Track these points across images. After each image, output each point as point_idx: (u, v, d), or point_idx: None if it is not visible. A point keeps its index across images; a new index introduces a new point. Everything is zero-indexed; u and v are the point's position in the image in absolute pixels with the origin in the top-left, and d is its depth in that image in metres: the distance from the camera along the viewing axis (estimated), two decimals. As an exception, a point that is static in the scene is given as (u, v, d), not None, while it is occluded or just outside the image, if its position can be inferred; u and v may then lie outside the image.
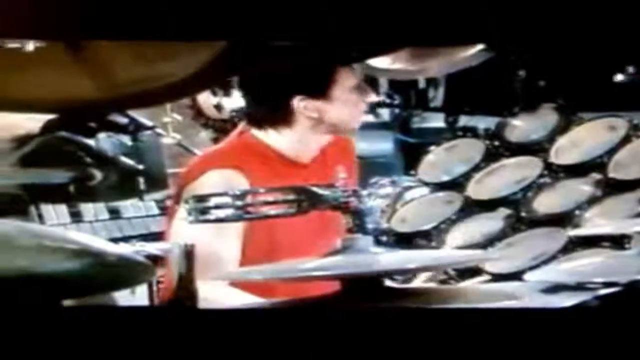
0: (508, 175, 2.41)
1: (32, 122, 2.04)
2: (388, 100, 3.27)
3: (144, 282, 1.17)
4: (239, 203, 1.49)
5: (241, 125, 2.21)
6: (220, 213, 1.49)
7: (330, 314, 1.22)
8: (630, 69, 2.59)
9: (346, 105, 2.10)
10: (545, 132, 2.45)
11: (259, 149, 2.09)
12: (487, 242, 2.23)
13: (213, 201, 1.50)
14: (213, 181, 2.00)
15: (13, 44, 1.37)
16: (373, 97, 2.22)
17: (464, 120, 3.04)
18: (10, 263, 1.05)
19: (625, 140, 2.31)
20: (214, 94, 3.08)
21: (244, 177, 2.01)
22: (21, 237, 1.07)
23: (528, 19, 1.18)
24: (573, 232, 2.10)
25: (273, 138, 2.09)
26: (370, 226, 1.51)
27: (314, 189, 1.50)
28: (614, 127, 2.36)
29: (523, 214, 2.27)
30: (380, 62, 2.60)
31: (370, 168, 2.90)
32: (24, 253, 1.05)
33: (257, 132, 2.12)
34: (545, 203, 2.28)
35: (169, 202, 2.21)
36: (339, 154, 2.16)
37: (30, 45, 1.38)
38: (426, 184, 2.52)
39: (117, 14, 1.16)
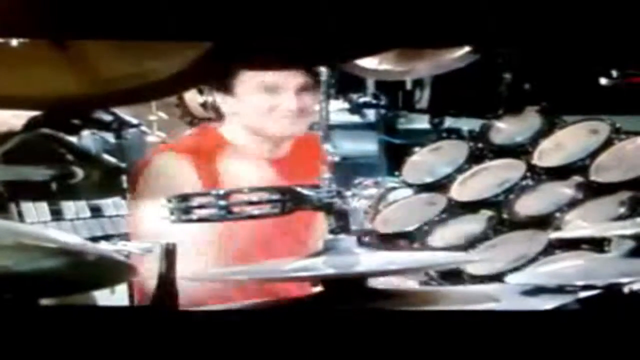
0: (491, 177, 2.41)
1: (17, 119, 2.01)
2: (374, 101, 3.26)
3: (124, 281, 1.15)
4: (222, 203, 1.47)
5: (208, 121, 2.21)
6: (204, 213, 1.47)
7: (314, 315, 1.20)
8: (614, 73, 2.59)
9: (251, 106, 2.00)
10: (529, 135, 2.45)
11: (219, 142, 2.07)
12: (469, 244, 2.22)
13: (196, 201, 1.48)
14: (162, 165, 1.99)
15: (-5, 39, 1.35)
16: (289, 104, 1.99)
17: (448, 122, 3.04)
18: (-11, 262, 1.03)
19: (607, 143, 2.31)
20: (201, 92, 3.05)
21: (192, 166, 1.99)
22: (1, 235, 1.05)
23: (514, 23, 1.17)
24: (554, 235, 2.09)
25: (230, 132, 2.07)
26: (353, 227, 1.50)
27: (299, 189, 1.49)
28: (596, 131, 2.36)
29: (505, 216, 2.27)
30: (367, 62, 2.58)
31: (354, 168, 2.89)
32: (3, 252, 1.03)
33: (219, 127, 2.10)
34: (527, 205, 2.27)
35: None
36: (305, 151, 2.12)
37: (14, 42, 1.35)
38: (410, 185, 2.51)
39: (105, 13, 1.14)
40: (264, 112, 2.01)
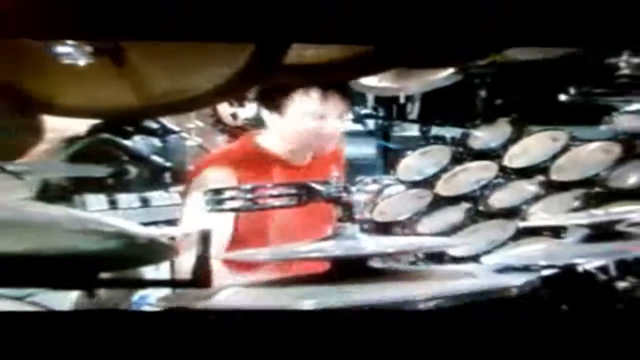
0: (469, 176, 2.41)
1: (82, 126, 2.03)
2: (373, 112, 3.27)
3: (167, 259, 1.16)
4: (249, 196, 1.48)
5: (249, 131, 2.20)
6: (234, 204, 1.49)
7: (313, 315, 1.15)
8: (572, 91, 2.59)
9: (300, 128, 1.97)
10: (501, 142, 2.46)
11: (256, 151, 2.07)
12: (451, 231, 2.23)
13: (228, 194, 1.49)
14: (210, 177, 2.00)
15: (68, 60, 1.35)
16: (334, 128, 1.94)
17: (435, 130, 3.04)
18: (59, 243, 1.04)
19: (565, 149, 2.32)
20: (231, 104, 3.07)
21: (234, 176, 1.99)
22: (68, 221, 1.06)
23: (492, 47, 1.16)
24: (521, 224, 2.10)
25: (268, 141, 2.07)
26: (356, 216, 1.51)
27: (312, 184, 1.50)
28: (556, 138, 2.37)
29: (481, 208, 2.28)
30: (368, 80, 2.59)
31: (357, 168, 2.90)
32: (71, 235, 1.04)
33: (257, 137, 2.10)
34: (499, 199, 2.28)
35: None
36: (330, 160, 2.12)
37: (82, 62, 1.36)
38: (403, 182, 2.51)
39: (139, 14, 1.07)
40: (311, 134, 2.00)
